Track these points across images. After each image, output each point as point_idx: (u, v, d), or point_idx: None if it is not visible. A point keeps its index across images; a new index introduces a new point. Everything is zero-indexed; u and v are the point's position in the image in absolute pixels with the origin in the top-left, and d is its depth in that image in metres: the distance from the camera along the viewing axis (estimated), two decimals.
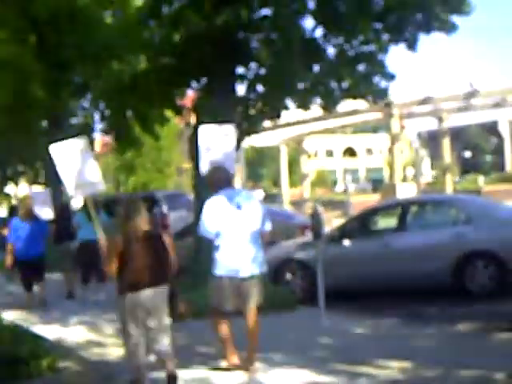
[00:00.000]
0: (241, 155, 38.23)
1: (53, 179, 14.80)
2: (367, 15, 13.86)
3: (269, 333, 9.34)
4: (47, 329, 11.06)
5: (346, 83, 14.75)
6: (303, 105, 15.34)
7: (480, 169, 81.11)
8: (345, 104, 18.04)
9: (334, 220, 26.07)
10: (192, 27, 13.56)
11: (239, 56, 14.23)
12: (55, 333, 10.77)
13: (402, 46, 14.58)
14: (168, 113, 21.25)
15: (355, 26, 13.83)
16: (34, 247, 13.49)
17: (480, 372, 7.39)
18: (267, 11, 14.10)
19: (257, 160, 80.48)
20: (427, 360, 8.04)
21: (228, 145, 9.99)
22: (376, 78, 14.80)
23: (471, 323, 10.26)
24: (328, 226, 14.58)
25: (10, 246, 13.59)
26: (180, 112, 17.33)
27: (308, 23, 41.28)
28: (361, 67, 14.75)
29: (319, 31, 14.51)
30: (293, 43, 13.66)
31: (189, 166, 28.59)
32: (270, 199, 54.56)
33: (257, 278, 8.01)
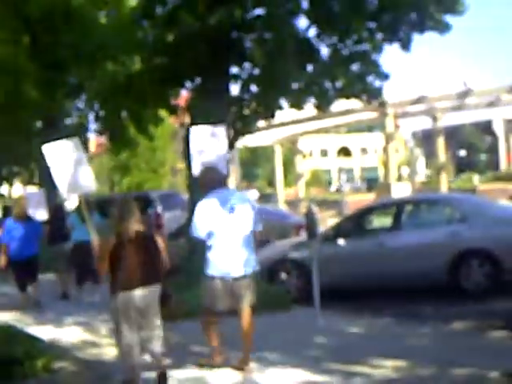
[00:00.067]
0: (235, 155, 38.19)
1: (47, 180, 14.75)
2: (361, 15, 13.87)
3: (264, 332, 9.34)
4: (42, 329, 11.03)
5: (340, 83, 14.75)
6: (297, 104, 15.35)
7: (475, 168, 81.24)
8: (339, 103, 18.05)
9: (329, 219, 26.09)
10: (186, 27, 13.55)
11: (233, 56, 14.23)
12: (50, 333, 10.74)
13: (396, 46, 14.62)
14: (162, 113, 21.26)
15: (349, 26, 13.84)
16: (28, 248, 13.46)
17: (474, 370, 7.40)
18: (261, 11, 14.10)
19: (251, 160, 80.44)
20: (422, 359, 8.04)
21: (220, 145, 9.99)
22: (370, 78, 14.80)
23: (466, 322, 10.28)
24: (323, 226, 14.60)
25: (4, 247, 13.55)
26: (174, 112, 17.32)
27: (302, 23, 41.24)
28: (355, 67, 14.76)
29: (313, 31, 14.54)
30: (286, 43, 13.66)
31: (183, 166, 28.58)
32: (265, 199, 54.51)
33: (249, 278, 8.00)
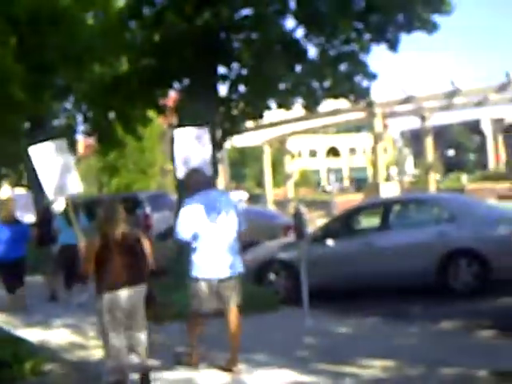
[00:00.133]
0: (224, 156, 38.21)
1: (35, 181, 14.72)
2: (348, 15, 13.88)
3: (252, 333, 9.34)
4: (30, 332, 10.98)
5: (328, 83, 14.77)
6: (285, 105, 15.36)
7: (463, 167, 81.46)
8: (327, 104, 18.07)
9: (318, 220, 26.09)
10: (173, 28, 13.55)
11: (221, 56, 14.23)
12: (38, 336, 10.70)
13: (384, 46, 14.64)
14: (151, 113, 21.21)
15: (336, 26, 13.85)
16: (15, 250, 13.39)
17: (462, 370, 7.42)
18: (248, 11, 14.11)
19: (240, 160, 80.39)
20: (410, 359, 8.06)
21: (204, 147, 10.01)
22: (358, 78, 14.82)
23: (454, 321, 10.31)
24: (312, 226, 14.61)
25: None
26: (163, 112, 17.30)
27: (289, 23, 41.32)
28: (342, 67, 14.77)
29: (300, 31, 14.56)
30: (274, 43, 13.68)
31: (172, 167, 28.65)
32: (254, 199, 54.51)
33: (235, 279, 8.02)
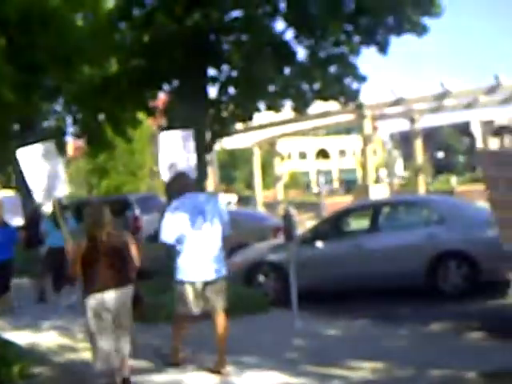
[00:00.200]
0: (213, 158, 38.15)
1: (24, 184, 14.69)
2: (338, 17, 13.91)
3: (241, 335, 9.35)
4: (18, 335, 10.92)
5: (318, 85, 14.79)
6: (274, 107, 15.37)
7: (453, 169, 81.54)
8: (317, 106, 18.07)
9: (307, 222, 26.10)
10: (163, 29, 13.53)
11: (211, 58, 14.23)
12: (27, 338, 10.65)
13: (374, 49, 14.68)
14: (140, 115, 21.19)
15: (326, 28, 13.87)
16: (3, 252, 13.35)
17: (451, 371, 7.44)
18: (238, 13, 14.11)
19: (230, 162, 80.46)
20: (399, 360, 8.07)
21: (188, 150, 10.04)
22: (347, 80, 14.85)
23: (443, 323, 10.32)
24: (301, 228, 14.60)
25: None
26: (152, 114, 17.30)
27: (279, 26, 41.32)
28: (332, 69, 14.79)
29: (290, 33, 14.57)
30: (264, 45, 13.69)
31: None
32: (244, 201, 54.48)
33: (220, 282, 8.05)
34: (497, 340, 8.97)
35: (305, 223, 23.75)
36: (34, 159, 9.23)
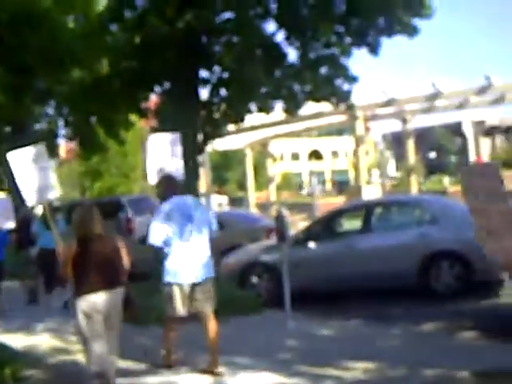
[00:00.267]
0: (205, 159, 38.10)
1: (15, 186, 14.65)
2: (329, 19, 13.92)
3: (235, 336, 9.37)
4: (10, 337, 10.87)
5: (309, 86, 14.80)
6: (265, 108, 15.37)
7: (445, 169, 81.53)
8: (309, 107, 18.09)
9: (300, 223, 26.11)
10: (154, 31, 13.52)
11: (202, 60, 14.23)
12: (19, 341, 10.61)
13: (365, 50, 14.68)
14: (133, 117, 21.16)
15: (317, 30, 13.89)
16: None
17: (443, 371, 7.45)
18: (230, 15, 14.11)
19: (222, 164, 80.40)
20: (392, 360, 8.08)
21: (175, 153, 10.06)
22: (338, 81, 14.86)
23: (436, 323, 10.34)
24: (294, 229, 14.59)
25: None
26: (145, 116, 17.27)
27: (270, 27, 41.35)
28: (323, 70, 14.80)
29: (281, 35, 14.58)
30: (255, 47, 13.70)
31: None
32: (236, 203, 54.44)
33: (208, 284, 8.09)
34: (489, 339, 8.99)
35: (297, 224, 23.75)
36: (25, 162, 9.21)
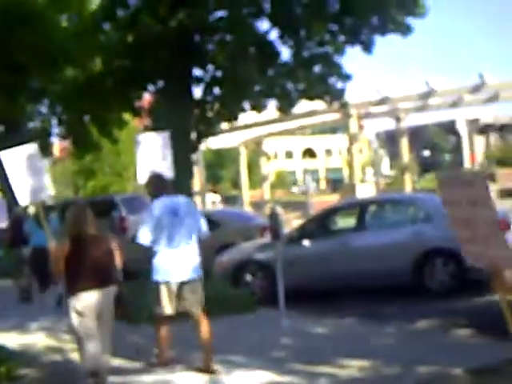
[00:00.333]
0: (199, 157, 38.11)
1: (8, 186, 14.63)
2: (323, 17, 13.92)
3: (229, 334, 9.37)
4: (4, 336, 10.86)
5: (303, 85, 14.80)
6: (258, 107, 15.38)
7: (439, 168, 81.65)
8: (303, 105, 18.09)
9: (294, 221, 26.11)
10: (147, 29, 13.51)
11: (195, 58, 14.22)
12: (13, 340, 10.60)
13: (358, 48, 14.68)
14: (126, 116, 21.14)
15: (310, 28, 13.88)
16: None
17: (438, 368, 7.46)
18: (223, 13, 14.10)
19: (216, 162, 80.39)
20: (386, 358, 8.09)
21: (165, 152, 10.07)
22: (332, 79, 14.86)
23: (430, 321, 10.36)
24: (288, 227, 14.60)
25: None
26: (138, 114, 17.25)
27: (263, 26, 41.34)
28: (317, 68, 14.79)
29: (274, 33, 14.57)
30: (248, 45, 13.69)
31: None
32: (230, 201, 54.41)
33: (196, 282, 8.13)
34: (483, 337, 9.00)
35: (291, 222, 23.77)
36: (18, 161, 9.19)
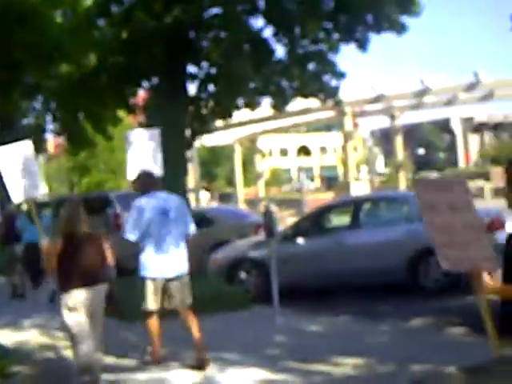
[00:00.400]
0: (193, 155, 38.11)
1: (2, 182, 14.58)
2: (317, 15, 13.88)
3: (223, 332, 9.37)
4: None
5: (297, 82, 14.79)
6: (252, 104, 15.36)
7: (433, 166, 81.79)
8: (298, 103, 18.07)
9: (289, 218, 26.12)
10: (142, 26, 13.47)
11: (190, 55, 14.18)
12: (7, 337, 10.58)
13: (353, 46, 14.66)
14: (121, 113, 21.09)
15: (305, 26, 13.86)
16: None
17: (432, 366, 7.46)
18: (217, 10, 14.07)
19: (210, 159, 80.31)
20: (381, 356, 8.09)
21: (155, 149, 10.06)
22: (326, 77, 14.84)
23: (424, 319, 10.38)
24: (282, 225, 14.61)
25: None
26: (133, 111, 17.21)
27: (258, 23, 41.36)
28: (311, 66, 14.78)
29: (269, 30, 14.54)
30: (242, 42, 13.66)
31: None
32: (225, 198, 54.40)
33: (183, 279, 8.18)
34: (477, 335, 8.99)
35: (286, 220, 23.78)
36: (11, 158, 9.16)
